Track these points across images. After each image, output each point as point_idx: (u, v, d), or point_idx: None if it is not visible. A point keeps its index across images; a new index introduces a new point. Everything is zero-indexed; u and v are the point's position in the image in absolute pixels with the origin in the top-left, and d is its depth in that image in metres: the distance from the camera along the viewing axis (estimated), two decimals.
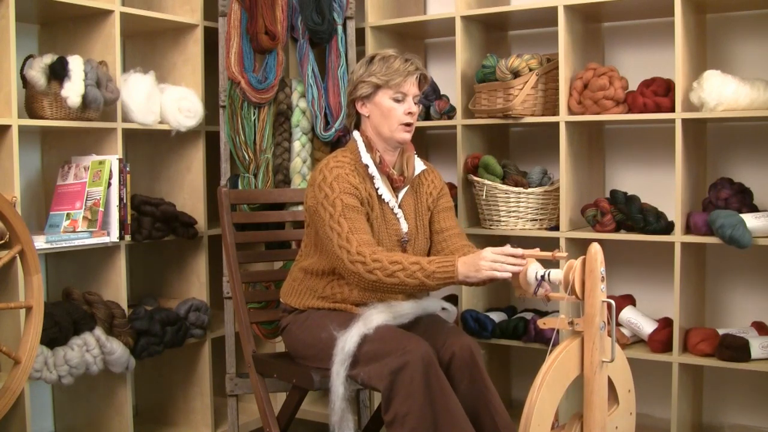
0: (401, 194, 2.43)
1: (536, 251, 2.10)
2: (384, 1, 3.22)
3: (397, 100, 2.34)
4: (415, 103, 2.37)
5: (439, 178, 2.55)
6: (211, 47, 3.01)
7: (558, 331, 1.99)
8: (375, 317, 2.23)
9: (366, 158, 2.37)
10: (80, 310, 2.61)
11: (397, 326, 2.30)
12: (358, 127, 2.45)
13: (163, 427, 3.15)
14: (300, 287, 2.44)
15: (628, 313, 2.80)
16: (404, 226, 2.40)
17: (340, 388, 2.18)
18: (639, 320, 2.77)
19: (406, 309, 2.32)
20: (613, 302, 1.91)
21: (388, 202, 2.38)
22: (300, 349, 2.40)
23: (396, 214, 2.39)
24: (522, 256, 2.09)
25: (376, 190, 2.37)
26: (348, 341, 2.18)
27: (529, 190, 2.88)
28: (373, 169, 2.37)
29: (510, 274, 2.09)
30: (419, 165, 2.48)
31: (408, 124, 2.36)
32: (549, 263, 2.09)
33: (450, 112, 3.09)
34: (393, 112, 2.34)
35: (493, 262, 2.09)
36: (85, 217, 2.63)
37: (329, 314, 2.36)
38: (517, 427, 1.88)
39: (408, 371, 2.08)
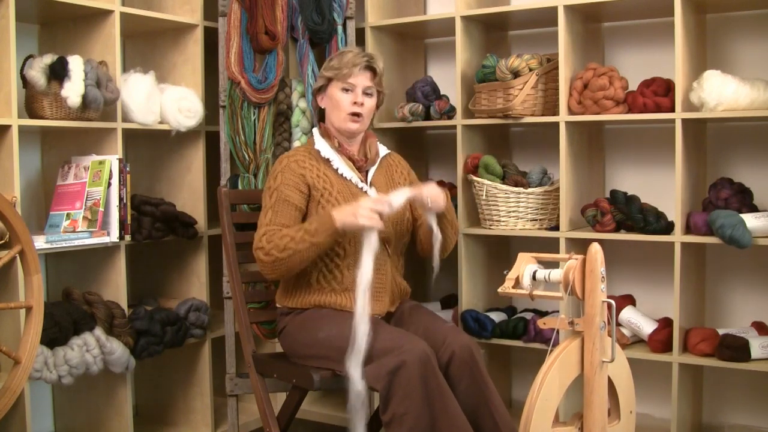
0: (372, 171, 2.54)
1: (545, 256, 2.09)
2: (384, 1, 3.22)
3: (346, 90, 2.46)
4: (367, 94, 2.48)
5: (406, 164, 2.68)
6: (211, 47, 3.01)
7: (558, 331, 2.00)
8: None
9: (319, 144, 2.51)
10: (80, 310, 2.61)
11: (395, 326, 2.31)
12: (323, 119, 2.59)
13: (163, 427, 3.16)
14: (292, 287, 2.45)
15: (628, 313, 2.80)
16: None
17: (358, 386, 2.14)
18: (639, 320, 2.77)
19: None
20: (613, 302, 1.92)
21: (350, 179, 2.47)
22: (298, 349, 2.40)
23: (361, 188, 2.47)
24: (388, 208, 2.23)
25: (336, 170, 2.47)
26: (359, 339, 2.16)
27: (529, 190, 2.88)
28: (327, 153, 2.49)
29: (381, 224, 2.21)
30: (383, 149, 2.62)
31: (356, 114, 2.46)
32: (549, 265, 2.09)
33: (450, 112, 3.09)
34: (341, 103, 2.47)
35: (369, 210, 2.21)
36: (85, 217, 2.63)
37: (327, 314, 2.37)
38: (518, 427, 1.88)
39: (405, 371, 2.08)
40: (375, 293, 2.40)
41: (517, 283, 2.04)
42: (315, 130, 2.57)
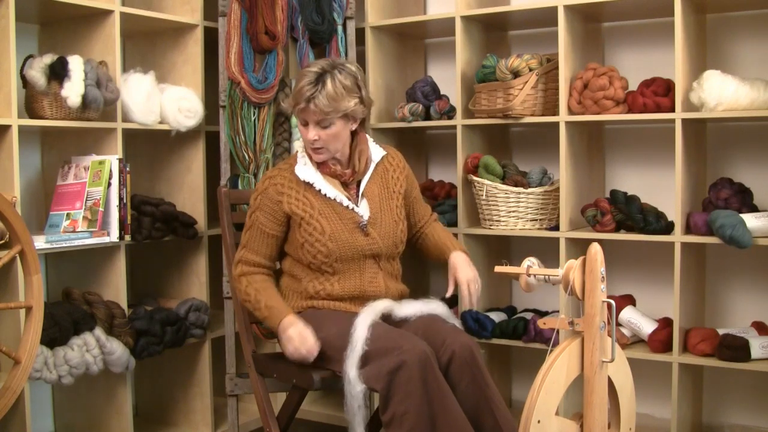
0: (364, 181, 2.44)
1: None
2: (384, 1, 3.22)
3: (304, 124, 2.36)
4: (324, 127, 2.31)
5: (402, 159, 2.55)
6: (211, 47, 3.01)
7: (558, 331, 1.99)
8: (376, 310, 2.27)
9: (298, 169, 2.40)
10: (80, 310, 2.61)
11: (395, 326, 2.30)
12: None
13: (163, 427, 3.16)
14: (287, 291, 2.46)
15: (628, 313, 2.80)
16: (365, 214, 2.39)
17: (357, 387, 2.16)
18: (639, 320, 2.77)
19: (408, 311, 2.35)
20: (613, 302, 1.91)
21: (335, 198, 2.38)
22: None
23: (347, 207, 2.39)
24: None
25: (318, 191, 2.38)
26: (357, 340, 2.18)
27: (529, 190, 2.88)
28: (307, 176, 2.38)
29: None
30: (378, 152, 2.49)
31: (317, 148, 2.35)
32: (549, 265, 2.08)
33: (450, 112, 3.09)
34: (303, 134, 2.38)
35: (294, 350, 2.27)
36: (85, 217, 2.63)
37: (326, 314, 2.37)
38: (518, 427, 1.88)
39: (405, 371, 2.08)
40: (368, 302, 2.39)
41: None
42: (300, 148, 2.47)
